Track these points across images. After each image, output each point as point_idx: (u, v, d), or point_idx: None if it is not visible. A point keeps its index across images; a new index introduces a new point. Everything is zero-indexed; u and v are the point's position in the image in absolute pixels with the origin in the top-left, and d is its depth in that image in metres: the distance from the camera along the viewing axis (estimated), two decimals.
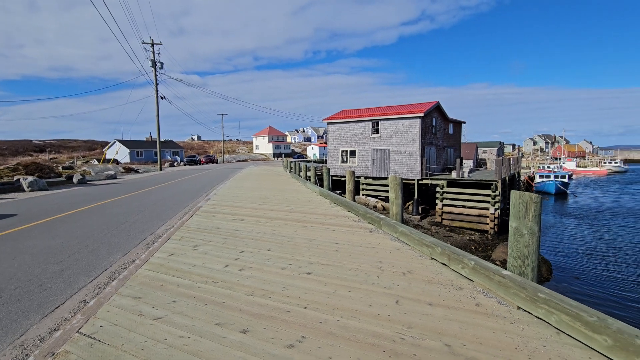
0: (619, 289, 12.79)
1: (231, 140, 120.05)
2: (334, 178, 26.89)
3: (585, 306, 2.75)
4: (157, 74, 36.25)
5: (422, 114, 23.46)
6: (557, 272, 14.30)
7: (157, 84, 36.24)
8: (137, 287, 4.07)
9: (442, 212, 21.49)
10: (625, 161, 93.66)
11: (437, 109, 26.79)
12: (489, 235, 19.32)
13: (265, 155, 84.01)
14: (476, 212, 20.31)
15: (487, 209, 20.00)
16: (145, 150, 58.73)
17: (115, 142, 58.46)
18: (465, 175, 22.76)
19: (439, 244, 4.73)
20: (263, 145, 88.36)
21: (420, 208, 23.55)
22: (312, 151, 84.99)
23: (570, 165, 72.13)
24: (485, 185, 20.45)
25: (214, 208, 9.91)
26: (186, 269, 4.66)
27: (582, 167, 76.21)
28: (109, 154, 55.44)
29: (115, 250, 6.22)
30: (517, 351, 2.58)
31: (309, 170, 19.13)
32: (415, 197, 23.55)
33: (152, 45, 35.52)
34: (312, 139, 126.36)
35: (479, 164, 44.17)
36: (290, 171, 25.73)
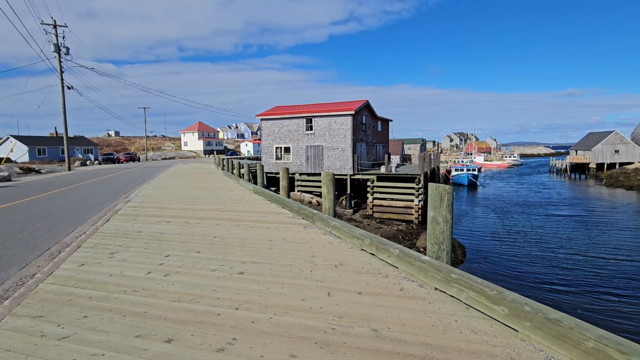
0: (517, 265, 14.94)
1: (156, 136, 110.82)
2: (268, 175, 26.59)
3: (488, 282, 3.14)
4: (61, 60, 31.70)
5: (353, 112, 24.40)
6: (470, 254, 16.15)
7: (62, 72, 31.72)
8: (37, 305, 3.53)
9: (373, 205, 22.71)
10: (521, 155, 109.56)
11: (367, 107, 28.12)
12: (414, 225, 20.99)
13: (196, 153, 79.45)
14: (403, 204, 21.89)
15: (412, 200, 21.68)
16: (49, 148, 51.17)
17: (8, 137, 49.87)
18: (393, 169, 24.35)
19: (368, 235, 4.98)
20: (192, 142, 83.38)
21: (353, 202, 24.55)
22: (246, 148, 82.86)
23: (479, 159, 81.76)
24: (410, 178, 22.13)
25: (135, 210, 9.06)
26: (100, 279, 4.19)
27: (489, 161, 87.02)
28: (1, 152, 47.09)
29: (10, 264, 5.32)
30: (434, 328, 2.84)
31: (243, 168, 18.61)
32: (348, 191, 24.47)
33: (55, 27, 30.93)
34: (246, 136, 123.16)
35: (405, 159, 47.62)
36: (223, 169, 24.74)
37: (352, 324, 2.96)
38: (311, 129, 26.26)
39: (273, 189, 25.91)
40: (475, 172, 47.22)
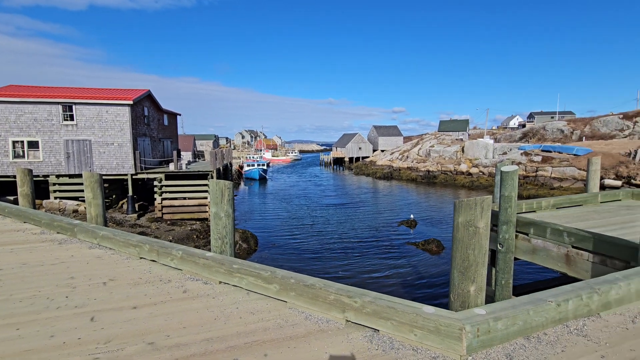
0: (299, 245, 17.55)
1: None
2: (1, 180, 19.24)
3: (264, 266, 3.51)
4: None
5: (131, 102, 21.21)
6: (262, 244, 17.61)
7: None
8: None
9: (163, 207, 20.76)
10: (301, 151, 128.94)
11: (149, 98, 25.17)
12: (209, 223, 20.76)
13: None
14: (196, 202, 21.15)
15: (206, 198, 21.30)
16: None
17: None
18: (184, 167, 23.04)
19: (148, 241, 4.49)
20: None
21: (137, 205, 21.54)
22: None
23: (268, 155, 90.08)
24: (203, 175, 21.64)
25: None
26: None
27: (276, 157, 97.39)
28: None
29: None
30: (216, 321, 2.91)
31: None
32: (130, 193, 21.25)
33: None
34: None
35: (197, 155, 46.07)
36: None
37: (122, 345, 2.59)
38: (72, 119, 20.89)
39: (12, 198, 19.05)
40: (265, 167, 51.76)
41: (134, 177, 21.63)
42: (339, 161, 76.01)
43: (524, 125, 77.27)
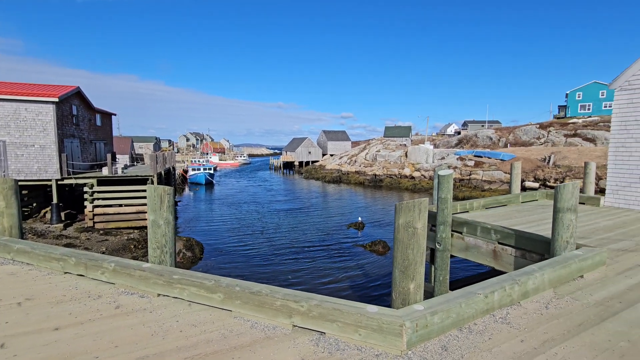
0: (247, 252, 17.12)
1: None
2: None
3: (207, 274, 3.37)
4: None
5: (57, 99, 19.09)
6: (208, 251, 16.87)
7: None
8: None
9: (94, 215, 18.92)
10: (250, 155, 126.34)
11: (79, 95, 22.89)
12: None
13: None
14: (134, 209, 19.63)
15: (145, 204, 19.85)
16: None
17: None
18: (119, 171, 21.27)
19: (74, 253, 4.06)
20: None
21: (63, 214, 19.39)
22: None
23: (215, 159, 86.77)
24: (142, 180, 20.18)
25: None
26: None
27: (223, 160, 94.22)
28: None
29: None
30: (152, 337, 2.71)
31: None
32: (55, 201, 19.07)
33: None
34: None
35: (136, 159, 42.87)
36: None
37: None
38: None
39: None
40: (212, 171, 49.77)
41: (59, 182, 19.43)
42: (289, 165, 75.84)
43: (459, 133, 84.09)
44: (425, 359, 2.51)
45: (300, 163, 74.98)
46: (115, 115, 31.19)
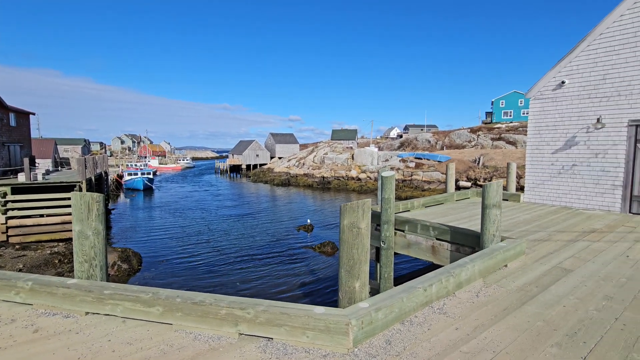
0: (190, 260, 16.28)
1: None
2: None
3: (144, 287, 3.13)
4: None
5: None
6: (147, 261, 15.70)
7: None
8: None
9: (8, 228, 16.60)
10: (193, 159, 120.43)
11: None
12: None
13: None
14: (59, 219, 17.59)
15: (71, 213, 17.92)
16: None
17: None
18: (40, 177, 18.92)
19: None
20: None
21: None
22: None
23: (154, 163, 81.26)
24: (67, 187, 18.17)
25: None
26: None
27: (164, 164, 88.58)
28: None
29: None
30: None
31: None
32: None
33: None
34: None
35: (61, 163, 38.48)
36: None
37: None
38: None
39: None
40: (151, 176, 46.47)
41: None
42: (235, 168, 73.71)
43: (401, 136, 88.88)
44: (371, 354, 2.60)
45: (248, 166, 73.35)
46: (34, 114, 27.72)
